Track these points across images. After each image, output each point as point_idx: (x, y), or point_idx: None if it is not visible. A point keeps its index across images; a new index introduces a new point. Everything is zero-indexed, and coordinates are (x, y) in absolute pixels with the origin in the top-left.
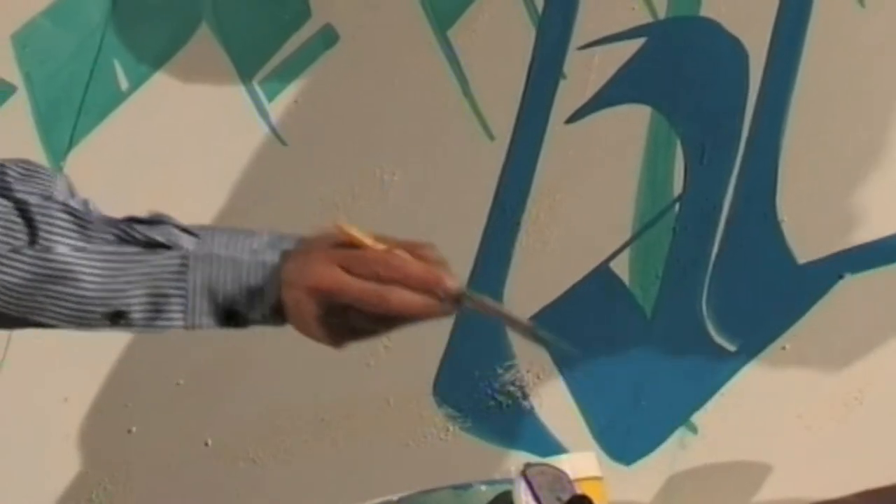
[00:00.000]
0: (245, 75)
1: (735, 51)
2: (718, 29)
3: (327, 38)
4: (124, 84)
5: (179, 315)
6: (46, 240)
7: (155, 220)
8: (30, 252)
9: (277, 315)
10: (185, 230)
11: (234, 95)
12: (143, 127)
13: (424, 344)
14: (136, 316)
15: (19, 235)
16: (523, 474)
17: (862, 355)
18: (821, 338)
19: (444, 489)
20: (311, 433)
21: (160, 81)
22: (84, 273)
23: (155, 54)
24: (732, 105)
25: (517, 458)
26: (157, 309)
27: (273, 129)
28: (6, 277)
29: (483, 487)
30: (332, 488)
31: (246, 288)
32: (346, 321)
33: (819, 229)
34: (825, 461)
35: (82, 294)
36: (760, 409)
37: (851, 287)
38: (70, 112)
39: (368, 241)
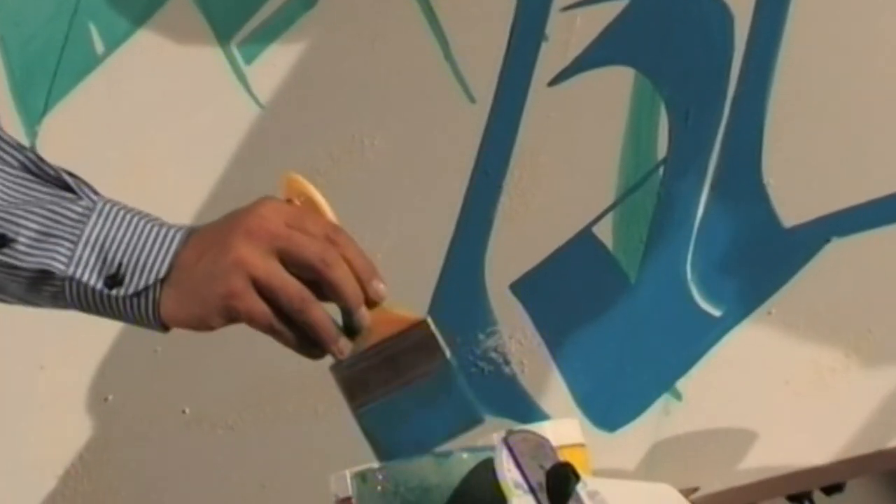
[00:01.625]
0: (222, 38)
1: (720, 12)
2: None
3: (305, 0)
4: (100, 47)
5: (63, 259)
6: None
7: (68, 171)
8: None
9: (151, 290)
10: (93, 189)
11: (211, 58)
12: (120, 90)
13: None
14: (20, 246)
15: None
16: (505, 441)
17: (849, 320)
18: (807, 303)
19: (426, 457)
20: (291, 401)
21: (136, 44)
22: None
23: (131, 17)
24: (717, 67)
25: (499, 425)
26: (43, 247)
27: (250, 93)
28: None
29: (465, 455)
30: (314, 457)
31: (140, 253)
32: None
33: (805, 192)
34: (812, 428)
35: None
36: (746, 375)
37: (839, 251)
38: (45, 76)
39: (320, 198)
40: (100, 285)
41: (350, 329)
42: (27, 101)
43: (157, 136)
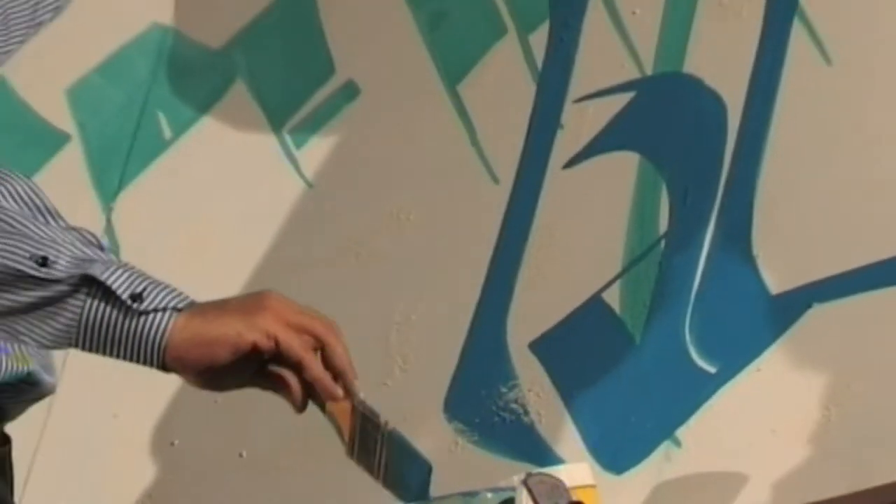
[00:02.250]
0: (276, 126)
1: (714, 103)
2: (699, 84)
3: (349, 92)
4: (168, 133)
5: (99, 270)
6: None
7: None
8: None
9: (168, 313)
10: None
11: (266, 144)
12: (185, 172)
13: (436, 366)
14: (59, 266)
15: None
16: (525, 483)
17: (830, 377)
18: (792, 361)
19: (453, 496)
20: (337, 446)
21: (200, 131)
22: (26, 224)
23: (195, 107)
24: (712, 152)
25: (519, 468)
26: (80, 265)
27: (301, 174)
28: None
29: (489, 495)
30: (354, 496)
31: (163, 287)
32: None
33: (790, 263)
34: (796, 471)
35: (22, 230)
36: (738, 424)
37: (820, 315)
38: (118, 159)
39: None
40: (125, 295)
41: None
42: (103, 181)
43: (218, 212)
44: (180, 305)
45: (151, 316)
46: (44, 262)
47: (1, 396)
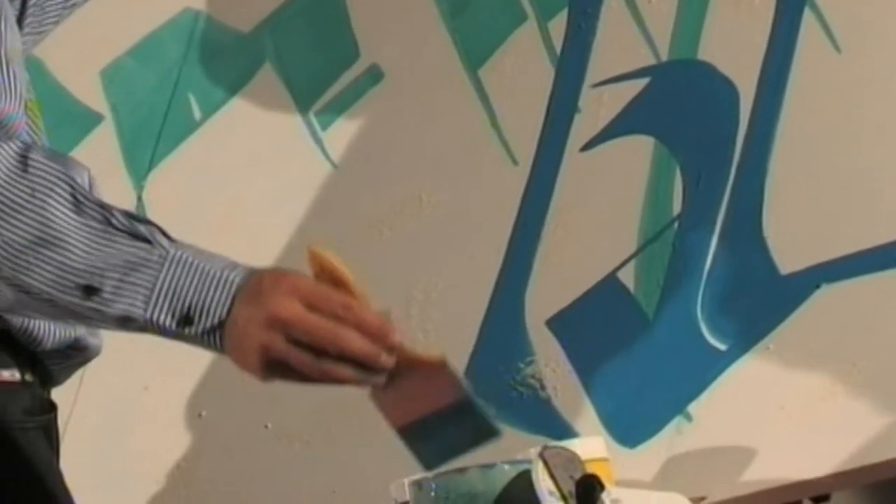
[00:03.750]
0: (302, 108)
1: (727, 89)
2: (713, 70)
3: (374, 76)
4: (198, 114)
5: (141, 306)
6: (43, 201)
7: (142, 219)
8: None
9: (217, 331)
10: (165, 234)
11: (293, 125)
12: (214, 152)
13: (456, 342)
14: (105, 295)
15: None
16: (541, 455)
17: (837, 355)
18: (800, 339)
19: (473, 468)
20: (357, 418)
21: (229, 113)
22: (73, 243)
23: (225, 89)
24: (724, 136)
25: (536, 442)
26: (124, 294)
27: (326, 155)
28: (10, 235)
29: (507, 466)
30: (376, 467)
31: (205, 298)
32: (286, 358)
33: (799, 244)
34: (803, 446)
35: (67, 262)
36: (747, 400)
37: (827, 295)
38: (150, 139)
39: (340, 267)
40: (174, 326)
41: None
42: (135, 160)
43: (246, 190)
44: (223, 317)
45: (204, 336)
46: (90, 290)
47: (49, 362)
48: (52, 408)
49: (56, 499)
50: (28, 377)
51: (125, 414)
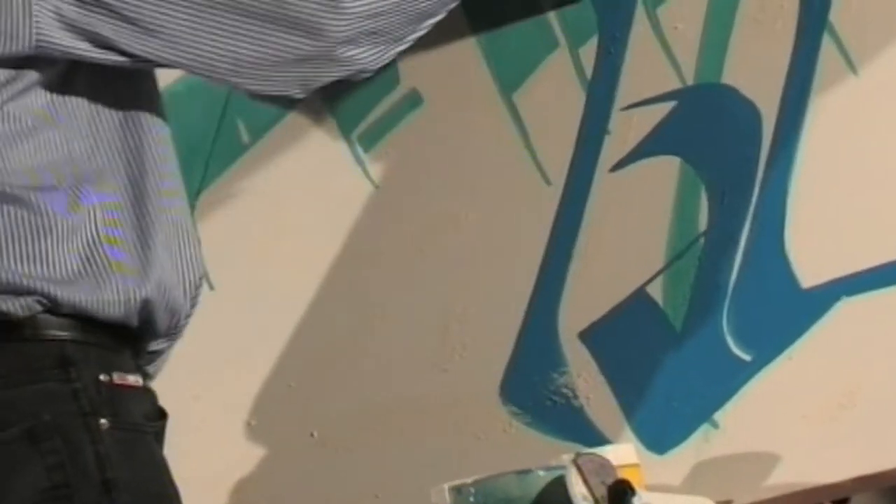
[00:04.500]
0: (345, 131)
1: (750, 111)
2: (736, 93)
3: (413, 100)
4: (245, 138)
5: None
6: None
7: None
8: None
9: None
10: None
11: (336, 148)
12: (261, 174)
13: (492, 353)
14: None
15: None
16: (575, 462)
17: (857, 366)
18: (821, 350)
19: (509, 474)
20: (398, 427)
21: (275, 136)
22: None
23: (271, 112)
24: (748, 156)
25: (569, 449)
26: None
27: (368, 177)
28: None
29: (541, 473)
30: (417, 473)
31: None
32: None
33: (820, 260)
34: (824, 452)
35: None
36: (771, 408)
37: (848, 308)
38: (200, 161)
39: None
40: None
41: None
42: (186, 183)
43: (292, 211)
44: None
45: None
46: None
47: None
48: (163, 415)
49: (173, 500)
50: (148, 383)
51: (176, 423)
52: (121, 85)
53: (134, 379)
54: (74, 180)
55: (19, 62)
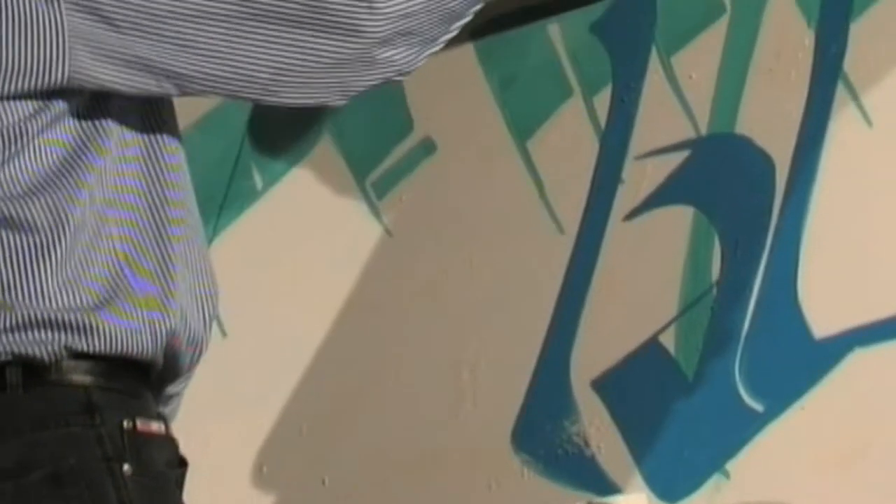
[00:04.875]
0: (359, 178)
1: (764, 161)
2: (749, 143)
3: (427, 147)
4: (259, 184)
5: None
6: None
7: None
8: None
9: None
10: None
11: (350, 195)
12: (275, 220)
13: (504, 401)
14: None
15: None
16: None
17: (868, 416)
18: (834, 401)
19: None
20: (410, 474)
21: (289, 183)
22: None
23: (286, 159)
24: (761, 206)
25: (581, 497)
26: None
27: (382, 223)
28: None
29: None
30: None
31: None
32: None
33: (833, 310)
34: (836, 502)
35: None
36: (783, 459)
37: (861, 359)
38: (214, 206)
39: None
40: None
41: None
42: None
43: (306, 257)
44: None
45: None
46: None
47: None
48: (184, 463)
49: None
50: (170, 431)
51: (190, 469)
52: (146, 110)
53: (157, 426)
54: (99, 210)
55: (48, 94)
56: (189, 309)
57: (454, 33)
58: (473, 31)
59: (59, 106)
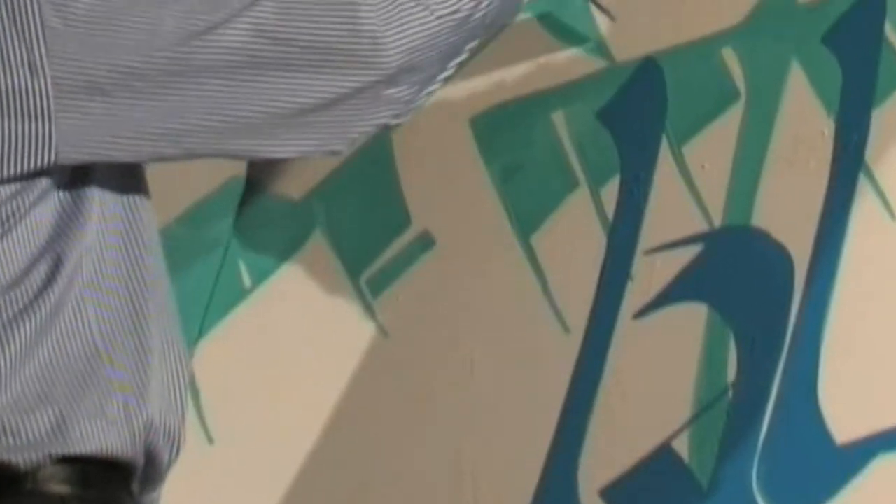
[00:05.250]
0: (353, 275)
1: (781, 255)
2: (767, 237)
3: (425, 242)
4: (248, 282)
5: None
6: None
7: None
8: None
9: None
10: None
11: (344, 292)
12: (265, 321)
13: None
14: None
15: None
16: None
17: None
18: None
19: None
20: None
21: (279, 279)
22: None
23: (275, 255)
24: (779, 303)
25: None
26: None
27: (377, 322)
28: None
29: None
30: None
31: None
32: None
33: (855, 413)
34: None
35: None
36: None
37: (885, 466)
38: (199, 308)
39: None
40: None
41: None
42: (184, 329)
43: (297, 359)
44: None
45: None
46: None
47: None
48: None
49: None
50: None
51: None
52: (126, 173)
53: None
54: (78, 287)
55: (32, 174)
56: (164, 401)
57: (451, 72)
58: (473, 119)
59: (42, 184)
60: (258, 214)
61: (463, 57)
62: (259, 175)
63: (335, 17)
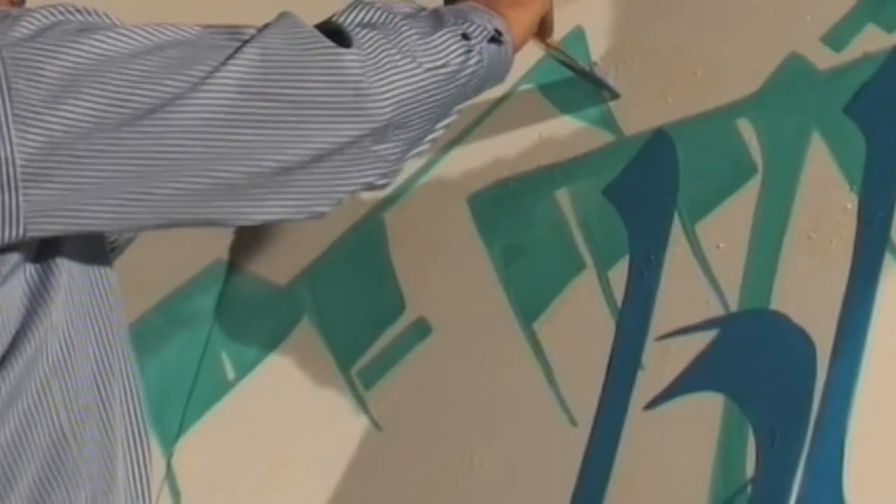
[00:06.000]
0: (344, 366)
1: (802, 341)
2: (786, 321)
3: (421, 330)
4: (231, 374)
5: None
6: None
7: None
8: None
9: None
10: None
11: (334, 385)
12: (249, 415)
13: None
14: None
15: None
16: None
17: None
18: None
19: None
20: None
21: (265, 371)
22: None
23: (260, 345)
24: (801, 392)
25: None
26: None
27: (370, 416)
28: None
29: None
30: None
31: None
32: None
33: None
34: None
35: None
36: None
37: None
38: (180, 400)
39: None
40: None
41: None
42: (163, 424)
43: (283, 456)
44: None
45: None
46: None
47: None
48: None
49: None
50: None
51: None
52: (91, 243)
53: None
54: (42, 369)
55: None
56: (130, 498)
57: (440, 132)
58: (471, 197)
59: (13, 259)
60: (242, 301)
61: (452, 119)
62: (242, 258)
63: (317, 67)
